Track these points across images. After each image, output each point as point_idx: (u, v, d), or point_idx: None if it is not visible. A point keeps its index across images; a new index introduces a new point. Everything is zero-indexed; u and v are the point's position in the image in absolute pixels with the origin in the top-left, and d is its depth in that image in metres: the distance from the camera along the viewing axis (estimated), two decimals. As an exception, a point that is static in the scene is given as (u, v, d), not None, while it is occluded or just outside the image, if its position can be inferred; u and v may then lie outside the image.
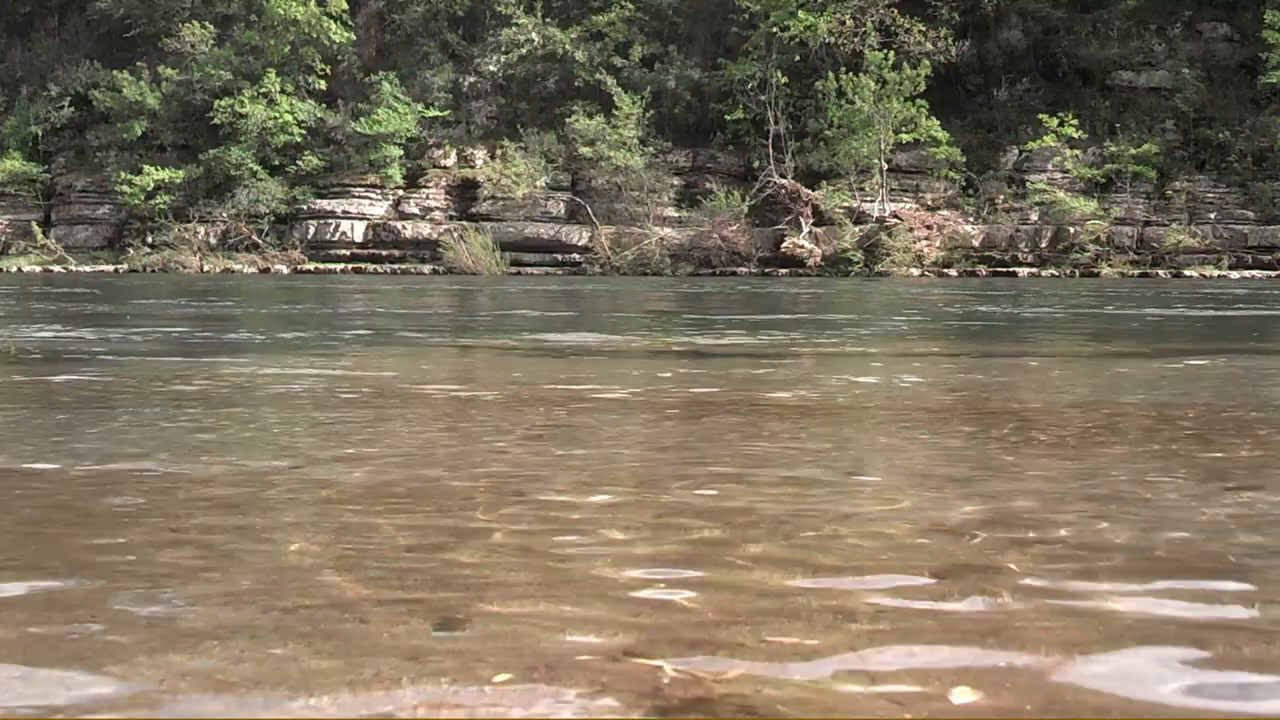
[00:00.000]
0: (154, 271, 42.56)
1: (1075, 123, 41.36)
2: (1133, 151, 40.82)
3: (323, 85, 46.84)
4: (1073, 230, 40.14)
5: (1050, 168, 41.40)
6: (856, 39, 43.03)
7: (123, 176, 45.45)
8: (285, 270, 43.12)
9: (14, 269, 43.19)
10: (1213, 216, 40.31)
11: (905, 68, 41.78)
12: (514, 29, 46.34)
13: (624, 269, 41.64)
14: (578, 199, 44.03)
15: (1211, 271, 38.46)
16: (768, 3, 43.08)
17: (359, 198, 45.21)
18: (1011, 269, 39.78)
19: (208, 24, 47.92)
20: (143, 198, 45.20)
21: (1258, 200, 40.12)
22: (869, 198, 41.66)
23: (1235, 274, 37.92)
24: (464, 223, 43.74)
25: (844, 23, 43.04)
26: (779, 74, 42.79)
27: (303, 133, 45.66)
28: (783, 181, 42.19)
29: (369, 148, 45.23)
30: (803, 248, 41.14)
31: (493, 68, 47.02)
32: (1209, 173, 41.27)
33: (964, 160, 42.26)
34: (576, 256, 43.09)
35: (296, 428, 4.65)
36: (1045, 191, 40.55)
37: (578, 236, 43.46)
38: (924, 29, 43.07)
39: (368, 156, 45.30)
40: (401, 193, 45.44)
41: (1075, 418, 4.94)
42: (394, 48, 48.99)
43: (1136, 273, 38.78)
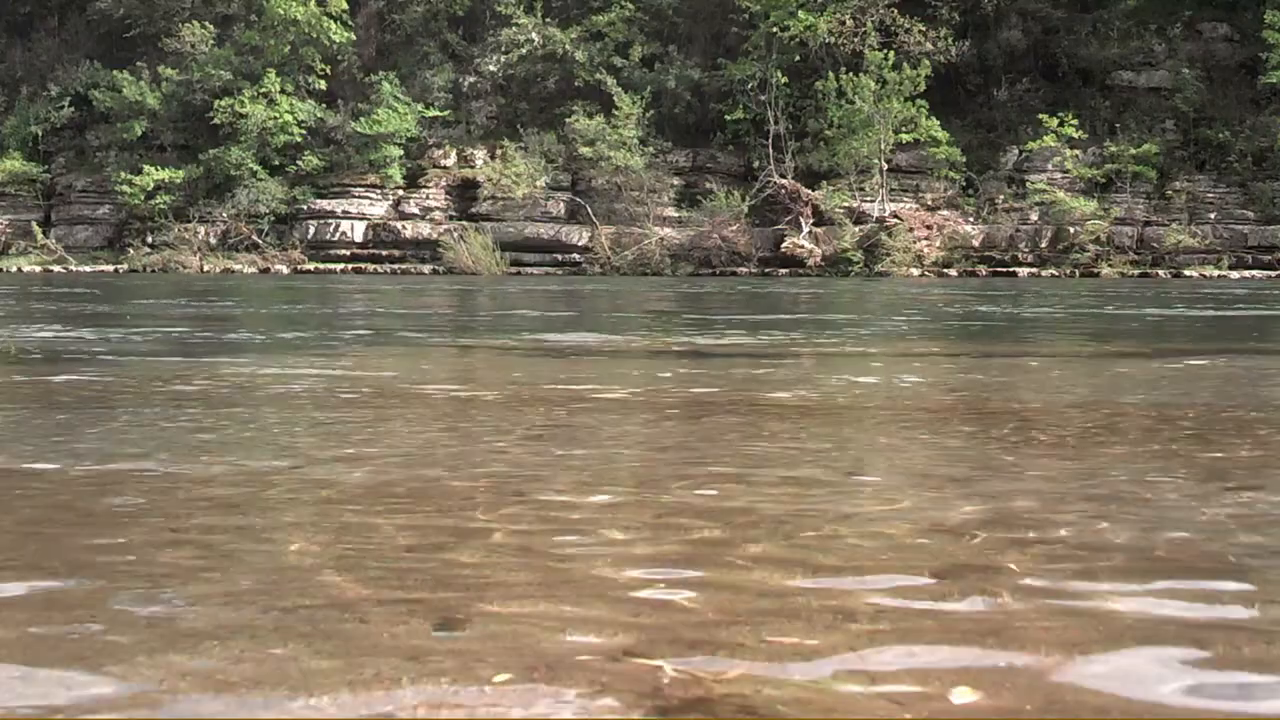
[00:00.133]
0: (154, 271, 42.56)
1: (1075, 123, 41.35)
2: (1133, 151, 40.82)
3: (323, 85, 46.83)
4: (1073, 230, 40.13)
5: (1050, 168, 41.39)
6: (856, 39, 43.03)
7: (123, 176, 45.45)
8: (285, 270, 43.12)
9: (14, 269, 43.19)
10: (1213, 216, 40.30)
11: (905, 68, 41.78)
12: (514, 29, 46.34)
13: (624, 269, 41.63)
14: (578, 199, 44.03)
15: (1211, 271, 38.46)
16: (768, 3, 43.07)
17: (359, 198, 45.20)
18: (1011, 269, 39.77)
19: (208, 24, 47.92)
20: (143, 198, 45.20)
21: (1258, 200, 40.11)
22: (869, 198, 41.65)
23: (1235, 274, 37.92)
24: (464, 223, 43.74)
25: (844, 23, 43.04)
26: (779, 74, 42.78)
27: (303, 133, 45.66)
28: (783, 181, 42.19)
29: (369, 148, 45.22)
30: (803, 248, 41.14)
31: (493, 68, 47.02)
32: (1209, 173, 41.26)
33: (964, 160, 42.26)
34: (576, 256, 43.08)
35: (296, 428, 4.64)
36: (1045, 191, 40.54)
37: (578, 236, 43.45)
38: (924, 29, 43.06)
39: (368, 156, 45.30)
40: (401, 193, 45.43)
41: (1075, 417, 4.94)
42: (394, 48, 48.98)
43: (1136, 273, 38.77)
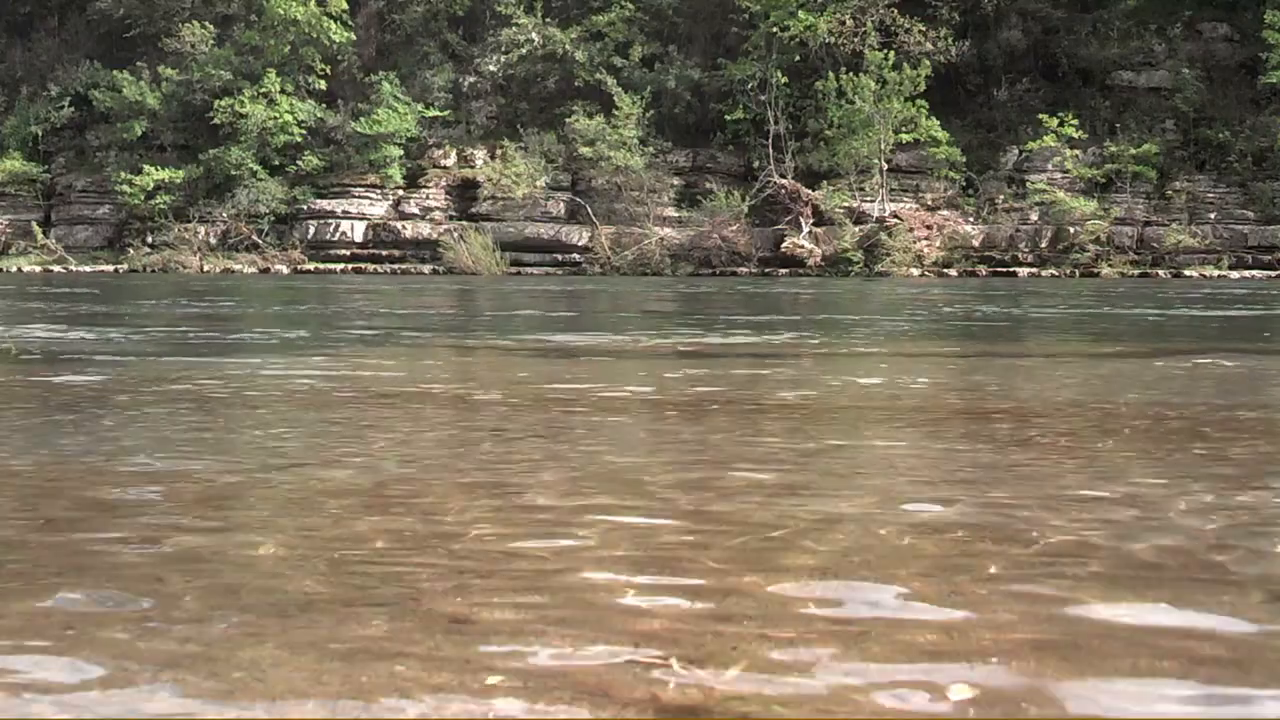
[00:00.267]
0: (154, 271, 42.56)
1: (1075, 123, 41.32)
2: (1133, 151, 40.80)
3: (323, 85, 46.80)
4: (1073, 230, 40.12)
5: (1050, 168, 41.37)
6: (856, 39, 43.01)
7: (123, 176, 45.43)
8: (285, 270, 43.11)
9: (14, 269, 43.19)
10: (1213, 216, 40.29)
11: (905, 68, 41.75)
12: (514, 29, 46.32)
13: (624, 269, 41.62)
14: (578, 199, 44.01)
15: (1211, 271, 38.44)
16: (768, 3, 43.05)
17: (359, 198, 45.19)
18: (1011, 269, 39.76)
19: (208, 24, 47.89)
20: (143, 198, 45.18)
21: (1258, 200, 40.10)
22: (869, 198, 41.64)
23: (1235, 274, 37.90)
24: (464, 223, 43.71)
25: (844, 23, 43.02)
26: (779, 74, 42.76)
27: (303, 133, 45.63)
28: (783, 181, 42.17)
29: (369, 148, 45.20)
30: (803, 248, 41.13)
31: (493, 68, 47.01)
32: (1209, 173, 41.24)
33: (964, 160, 42.23)
34: (576, 256, 43.06)
35: (297, 428, 4.64)
36: (1045, 191, 40.52)
37: (578, 236, 43.44)
38: (924, 29, 43.04)
39: (368, 156, 45.27)
40: (401, 193, 45.41)
41: (1076, 418, 4.93)
42: (394, 48, 48.97)
43: (1136, 273, 38.76)
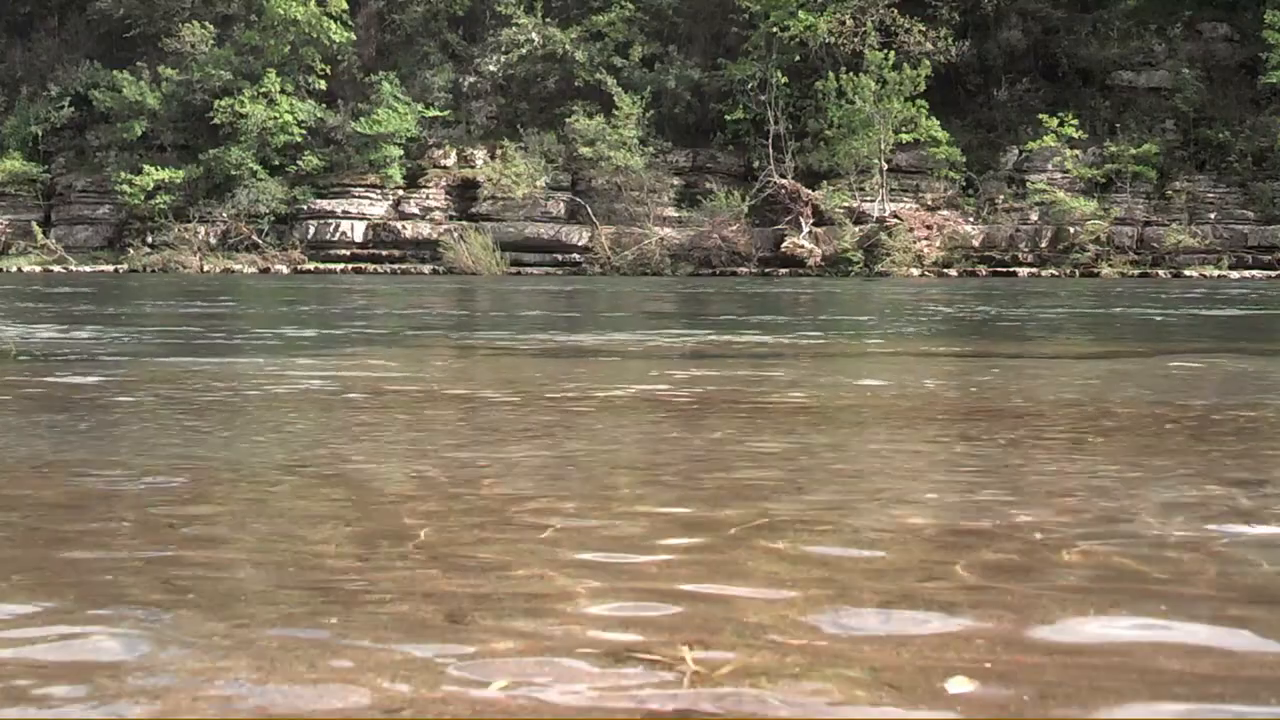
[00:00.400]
0: (154, 271, 42.56)
1: (1075, 123, 41.32)
2: (1133, 151, 40.80)
3: (323, 85, 46.81)
4: (1073, 230, 40.12)
5: (1050, 168, 41.37)
6: (856, 39, 43.01)
7: (123, 176, 45.42)
8: (285, 270, 43.11)
9: (14, 269, 43.18)
10: (1213, 216, 40.29)
11: (905, 68, 41.75)
12: (514, 29, 46.31)
13: (624, 269, 41.62)
14: (578, 199, 44.01)
15: (1211, 271, 38.44)
16: (768, 3, 43.05)
17: (359, 198, 45.18)
18: (1011, 269, 39.76)
19: (208, 24, 47.90)
20: (143, 198, 45.18)
21: (1258, 200, 40.10)
22: (869, 198, 41.64)
23: (1235, 274, 37.90)
24: (464, 223, 43.71)
25: (844, 23, 43.02)
26: (779, 74, 42.76)
27: (303, 133, 45.63)
28: (783, 181, 42.17)
29: (369, 148, 45.20)
30: (803, 248, 41.13)
31: (493, 68, 47.01)
32: (1209, 173, 41.24)
33: (964, 160, 42.23)
34: (576, 256, 43.06)
35: (297, 428, 4.64)
36: (1045, 191, 40.52)
37: (578, 236, 43.44)
38: (924, 29, 43.04)
39: (368, 156, 45.27)
40: (401, 193, 45.41)
41: (1077, 418, 4.93)
42: (394, 48, 48.97)
43: (1136, 273, 38.76)
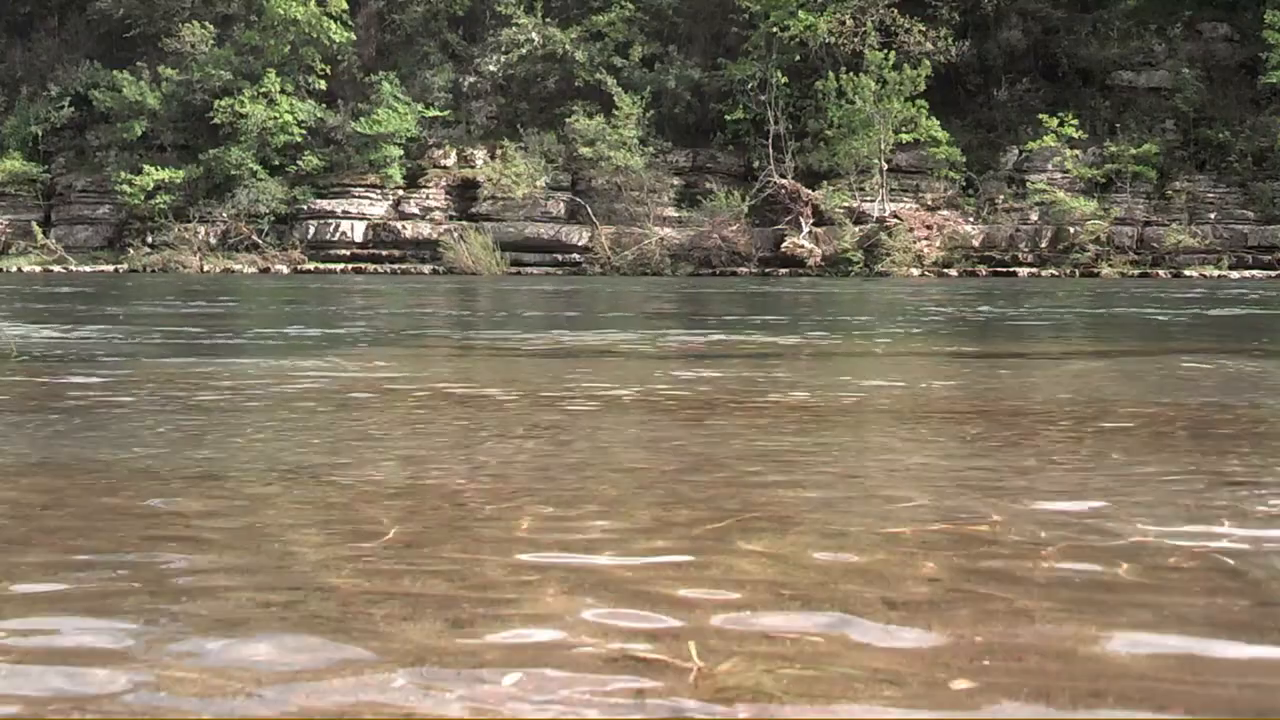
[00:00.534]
0: (154, 271, 42.55)
1: (1075, 123, 41.33)
2: (1133, 151, 40.80)
3: (323, 85, 46.80)
4: (1073, 230, 40.11)
5: (1050, 168, 41.37)
6: (856, 39, 43.01)
7: (123, 176, 45.42)
8: (285, 270, 43.11)
9: (14, 269, 43.18)
10: (1213, 216, 40.28)
11: (905, 68, 41.75)
12: (514, 29, 46.31)
13: (624, 269, 41.62)
14: (578, 199, 44.01)
15: (1211, 271, 38.44)
16: (768, 3, 43.05)
17: (359, 198, 45.18)
18: (1011, 269, 39.76)
19: (208, 24, 47.90)
20: (143, 198, 45.17)
21: (1258, 200, 40.09)
22: (869, 198, 41.64)
23: (1235, 274, 37.90)
24: (464, 223, 43.71)
25: (844, 23, 43.01)
26: (779, 74, 42.76)
27: (303, 133, 45.63)
28: (783, 181, 42.17)
29: (369, 148, 45.20)
30: (803, 248, 41.12)
31: (493, 68, 47.00)
32: (1209, 173, 41.24)
33: (964, 160, 42.23)
34: (576, 256, 43.06)
35: (297, 428, 4.64)
36: (1045, 191, 40.52)
37: (578, 236, 43.43)
38: (924, 29, 43.04)
39: (368, 156, 45.27)
40: (401, 193, 45.41)
41: (1077, 418, 4.93)
42: (394, 48, 48.97)
43: (1136, 273, 38.76)
